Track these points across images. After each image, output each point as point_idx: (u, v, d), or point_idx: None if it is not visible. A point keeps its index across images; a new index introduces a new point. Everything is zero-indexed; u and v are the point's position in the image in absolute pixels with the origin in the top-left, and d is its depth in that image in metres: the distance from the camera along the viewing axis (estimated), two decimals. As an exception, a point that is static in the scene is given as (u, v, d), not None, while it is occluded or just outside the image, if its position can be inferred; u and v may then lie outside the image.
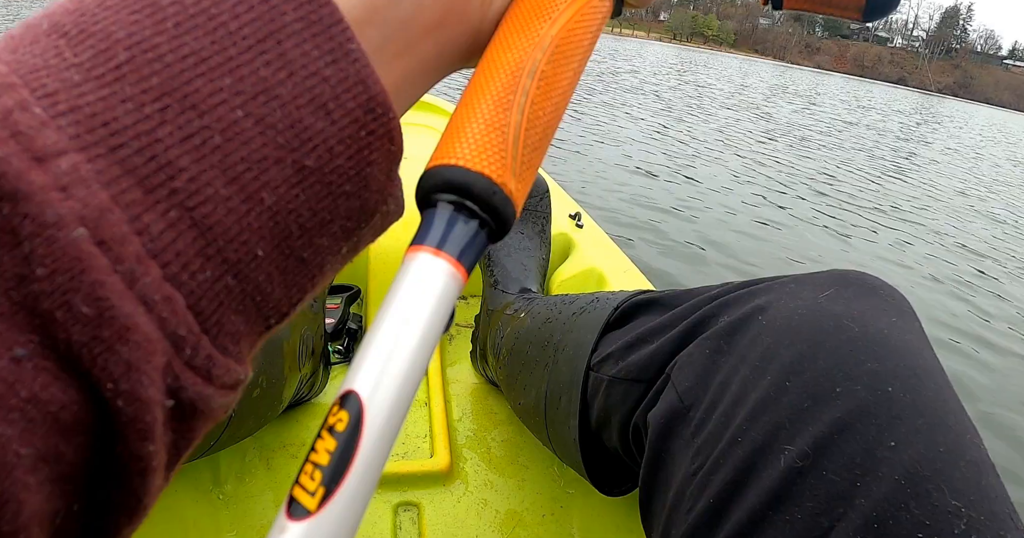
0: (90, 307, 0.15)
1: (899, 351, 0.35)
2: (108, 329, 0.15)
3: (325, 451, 0.16)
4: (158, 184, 0.16)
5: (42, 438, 0.15)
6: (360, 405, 0.17)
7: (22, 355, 0.14)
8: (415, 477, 0.72)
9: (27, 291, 0.14)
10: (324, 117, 0.18)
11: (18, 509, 0.14)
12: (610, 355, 0.51)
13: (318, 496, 0.16)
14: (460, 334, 1.01)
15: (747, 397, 0.37)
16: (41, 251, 0.14)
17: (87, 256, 0.14)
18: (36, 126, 0.15)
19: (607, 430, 0.51)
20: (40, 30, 0.16)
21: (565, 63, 0.22)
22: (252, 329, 0.19)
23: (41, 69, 0.16)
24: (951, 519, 0.29)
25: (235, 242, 0.17)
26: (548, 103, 0.22)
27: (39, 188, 0.14)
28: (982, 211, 5.10)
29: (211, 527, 0.65)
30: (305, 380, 0.73)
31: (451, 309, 0.19)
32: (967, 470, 0.31)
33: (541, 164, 0.22)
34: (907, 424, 0.32)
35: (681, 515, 0.37)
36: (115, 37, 0.16)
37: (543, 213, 0.89)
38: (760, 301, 0.42)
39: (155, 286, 0.15)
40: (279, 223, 0.18)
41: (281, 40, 0.17)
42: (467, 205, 0.19)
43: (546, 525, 0.71)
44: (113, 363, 0.15)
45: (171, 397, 0.16)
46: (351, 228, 0.20)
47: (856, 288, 0.40)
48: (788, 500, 0.32)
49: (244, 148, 0.17)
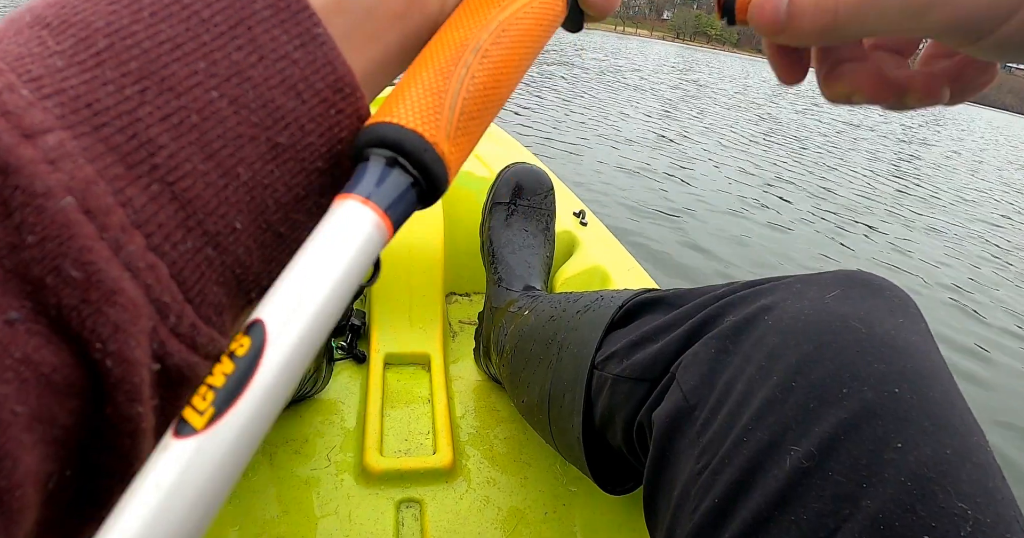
0: (78, 271, 0.15)
1: (906, 352, 0.35)
2: (96, 292, 0.16)
3: (222, 373, 0.16)
4: (140, 160, 0.17)
5: (36, 398, 0.15)
6: (264, 333, 0.17)
7: (15, 318, 0.15)
8: (418, 473, 0.72)
9: (18, 258, 0.15)
10: (295, 97, 0.19)
11: (14, 466, 0.15)
12: (614, 353, 0.51)
13: (207, 416, 0.16)
14: (463, 331, 1.01)
15: (753, 397, 0.36)
16: (31, 220, 0.15)
17: (75, 223, 0.15)
18: (24, 106, 0.16)
19: (611, 428, 0.51)
20: (23, 22, 0.17)
21: (510, 47, 0.23)
22: (233, 302, 0.20)
23: (26, 56, 0.16)
24: (957, 521, 0.29)
25: (214, 215, 0.18)
26: (490, 80, 0.22)
27: (28, 161, 0.15)
28: (983, 216, 5.09)
29: (213, 522, 0.65)
30: (308, 376, 0.73)
31: (373, 260, 0.19)
32: (973, 472, 0.31)
33: (479, 137, 0.22)
34: (914, 425, 0.32)
35: (686, 514, 0.37)
36: (95, 26, 0.17)
37: (547, 210, 0.89)
38: (766, 301, 0.41)
39: (139, 254, 0.16)
40: (255, 197, 0.19)
41: (251, 26, 0.19)
42: (399, 161, 0.19)
43: (548, 523, 0.71)
44: (101, 324, 0.16)
45: (157, 361, 0.17)
46: (326, 205, 0.21)
47: (862, 288, 0.39)
48: (794, 501, 0.32)
49: (220, 126, 0.18)
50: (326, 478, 0.72)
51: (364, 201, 0.19)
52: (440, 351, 0.91)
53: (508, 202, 0.87)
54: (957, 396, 0.34)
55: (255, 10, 0.19)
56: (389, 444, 0.77)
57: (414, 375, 0.88)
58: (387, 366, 0.88)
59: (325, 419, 0.79)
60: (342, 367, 0.88)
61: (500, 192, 0.88)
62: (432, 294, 0.95)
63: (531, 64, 0.25)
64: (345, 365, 0.88)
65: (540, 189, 0.88)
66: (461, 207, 1.05)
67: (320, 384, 0.80)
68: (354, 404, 0.82)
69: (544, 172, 0.91)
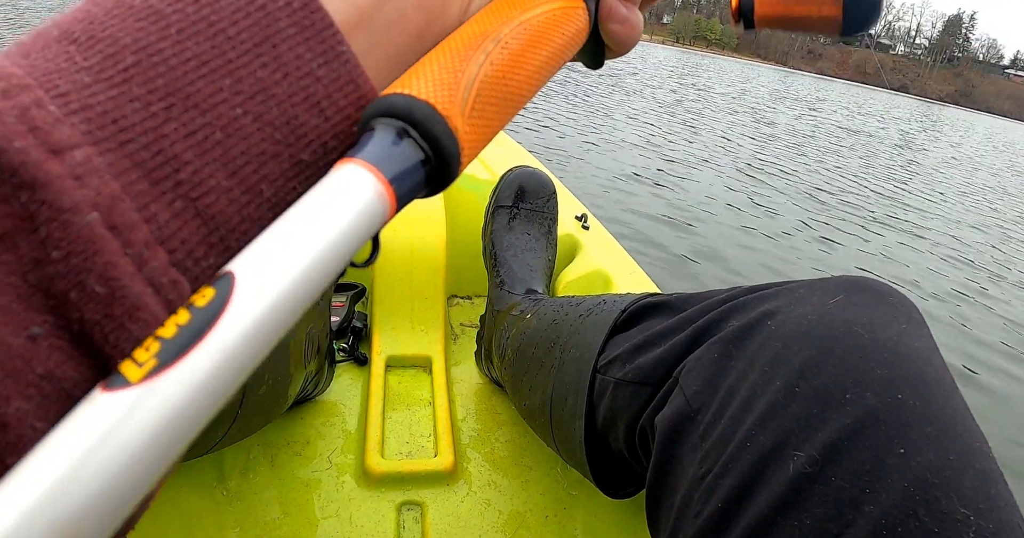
0: (103, 286, 0.16)
1: (909, 358, 0.35)
2: (119, 307, 0.16)
3: (174, 324, 0.15)
4: (164, 176, 0.17)
5: (56, 414, 0.15)
6: (231, 286, 0.15)
7: (38, 334, 0.15)
8: (419, 476, 0.73)
9: (42, 273, 0.15)
10: (318, 114, 0.19)
11: None
12: (617, 357, 0.51)
13: (146, 368, 0.14)
14: (465, 334, 1.01)
15: (756, 402, 0.37)
16: (57, 234, 0.15)
17: (100, 239, 0.16)
18: (51, 122, 0.16)
19: (613, 432, 0.51)
20: (51, 37, 0.18)
21: (530, 42, 0.22)
22: None
23: (54, 72, 0.17)
24: (960, 527, 0.29)
25: (236, 231, 0.18)
26: (508, 69, 0.21)
27: (55, 177, 0.15)
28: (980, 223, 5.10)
29: (214, 523, 0.65)
30: (310, 378, 0.74)
31: (372, 232, 0.17)
32: (976, 478, 0.31)
33: (496, 130, 0.21)
34: (917, 431, 0.32)
35: (688, 519, 0.37)
36: (122, 42, 0.17)
37: (549, 214, 0.89)
38: (769, 306, 0.42)
39: (162, 270, 0.17)
40: (278, 214, 0.19)
41: (276, 44, 0.19)
42: (409, 133, 0.18)
43: (549, 526, 0.71)
44: (124, 340, 0.16)
45: None
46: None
47: (865, 294, 0.40)
48: (797, 506, 0.32)
49: (244, 143, 0.18)
50: (327, 480, 0.72)
51: (368, 167, 0.17)
52: (441, 354, 0.91)
53: (511, 205, 0.88)
54: (960, 402, 0.35)
55: (280, 28, 0.19)
56: (390, 446, 0.77)
57: (415, 378, 0.88)
58: (388, 368, 0.88)
59: (326, 421, 0.79)
60: (343, 369, 0.88)
61: (503, 195, 0.88)
62: (434, 297, 0.95)
63: (551, 72, 0.24)
64: (346, 367, 0.89)
65: (543, 192, 0.88)
66: (463, 210, 1.06)
67: (322, 386, 0.81)
68: (355, 406, 0.83)
69: (547, 176, 0.91)
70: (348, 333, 0.91)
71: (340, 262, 0.17)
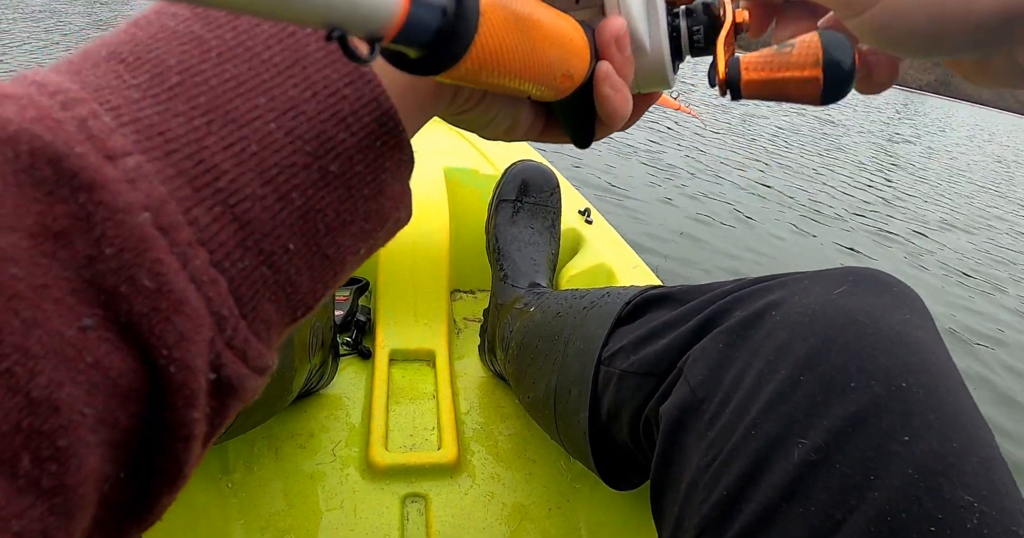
0: (151, 281, 0.17)
1: (913, 347, 0.35)
2: (165, 301, 0.17)
3: None
4: (205, 183, 0.18)
5: (103, 401, 0.17)
6: None
7: (89, 325, 0.16)
8: (423, 469, 0.73)
9: (95, 270, 0.17)
10: (344, 129, 0.21)
11: (79, 465, 0.16)
12: (621, 349, 0.51)
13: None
14: (468, 328, 1.01)
15: (761, 391, 0.37)
16: (111, 232, 0.17)
17: (150, 237, 0.17)
18: (107, 131, 0.17)
19: (617, 424, 0.51)
20: (100, 56, 0.19)
21: (542, 21, 0.22)
22: (281, 319, 0.21)
23: (105, 88, 0.18)
24: (963, 513, 0.30)
25: (270, 236, 0.20)
26: (523, 17, 0.21)
27: (111, 179, 0.17)
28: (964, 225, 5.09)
29: (220, 515, 0.65)
30: (314, 371, 0.74)
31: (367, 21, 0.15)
32: (979, 466, 0.31)
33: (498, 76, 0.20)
34: (920, 419, 0.32)
35: (694, 507, 0.38)
36: (167, 63, 0.19)
37: (553, 208, 0.89)
38: (773, 297, 0.42)
39: (203, 269, 0.18)
40: (308, 221, 0.20)
41: (306, 66, 0.21)
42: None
43: (553, 519, 0.71)
44: (168, 332, 0.17)
45: (213, 371, 0.19)
46: (369, 230, 0.23)
47: (869, 284, 0.40)
48: (801, 493, 0.33)
49: (277, 155, 0.20)
50: (331, 473, 0.72)
51: None
52: (445, 347, 0.91)
53: (514, 199, 0.88)
54: (963, 391, 0.35)
55: (308, 52, 0.21)
56: (394, 439, 0.77)
57: (419, 371, 0.89)
58: (392, 362, 0.88)
59: (330, 414, 0.80)
60: (347, 363, 0.88)
61: (506, 189, 0.88)
62: (437, 291, 0.95)
63: (551, 63, 0.23)
64: (350, 361, 0.89)
65: (546, 187, 0.89)
66: (467, 204, 1.06)
67: (326, 379, 0.81)
68: (359, 399, 0.83)
69: (550, 170, 0.91)
70: (352, 327, 0.92)
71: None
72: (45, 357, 0.15)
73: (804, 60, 0.27)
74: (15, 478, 0.15)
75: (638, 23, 0.29)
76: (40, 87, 0.18)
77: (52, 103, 0.17)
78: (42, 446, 0.15)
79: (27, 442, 0.15)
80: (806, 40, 0.27)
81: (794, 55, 0.27)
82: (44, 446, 0.15)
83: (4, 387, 0.15)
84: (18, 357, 0.15)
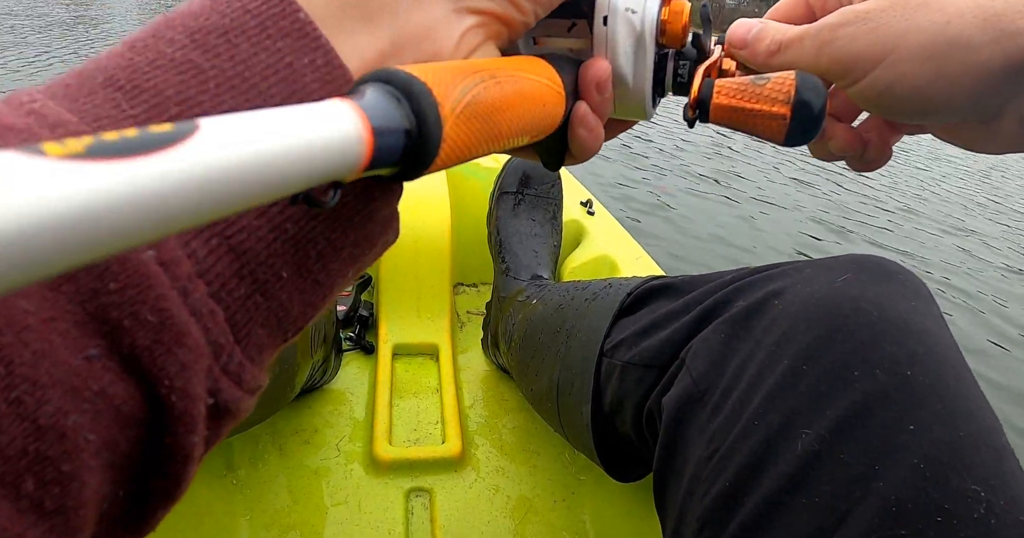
0: (155, 316, 0.17)
1: (918, 335, 0.35)
2: (168, 334, 0.18)
3: (119, 135, 0.12)
4: None
5: (106, 427, 0.17)
6: (195, 129, 0.13)
7: (94, 355, 0.17)
8: (427, 463, 0.73)
9: (99, 303, 0.17)
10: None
11: (81, 487, 0.17)
12: (623, 341, 0.50)
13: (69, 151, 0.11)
14: (471, 321, 1.01)
15: (764, 381, 0.36)
16: (116, 269, 0.17)
17: (153, 274, 0.17)
18: None
19: (620, 415, 0.51)
20: (96, 82, 0.19)
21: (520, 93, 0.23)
22: (273, 341, 0.22)
23: (104, 118, 0.18)
24: (970, 503, 0.29)
25: (264, 265, 0.20)
26: (497, 98, 0.22)
27: None
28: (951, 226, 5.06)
29: (225, 511, 0.65)
30: (317, 367, 0.74)
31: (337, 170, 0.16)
32: (987, 455, 0.31)
33: (476, 148, 0.21)
34: (926, 408, 0.32)
35: (697, 499, 0.37)
36: (166, 94, 0.19)
37: (554, 200, 0.89)
38: (776, 286, 0.41)
39: (202, 301, 0.18)
40: (300, 250, 0.21)
41: (303, 97, 0.20)
42: (400, 101, 0.18)
43: (557, 511, 0.71)
44: (170, 363, 0.18)
45: (211, 396, 0.19)
46: (358, 255, 0.23)
47: (873, 272, 0.39)
48: (805, 484, 0.32)
49: None
50: (336, 468, 0.72)
51: (356, 108, 0.17)
52: (448, 341, 0.91)
53: (515, 191, 0.87)
54: (970, 380, 0.34)
55: (305, 82, 0.21)
56: (398, 434, 0.77)
57: (422, 365, 0.88)
58: (395, 356, 0.88)
59: (334, 410, 0.80)
60: (351, 358, 0.88)
61: (507, 181, 0.88)
62: (440, 285, 0.95)
63: (525, 131, 0.24)
64: (354, 356, 0.89)
65: (547, 178, 0.88)
66: (468, 197, 1.05)
67: (329, 375, 0.81)
68: (363, 394, 0.83)
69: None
70: (354, 322, 0.91)
71: (300, 171, 0.15)
72: (52, 386, 0.16)
73: (775, 95, 0.27)
74: (18, 499, 0.16)
75: (623, 62, 0.29)
76: (40, 119, 0.17)
77: (53, 137, 0.17)
78: (47, 470, 0.16)
79: (32, 466, 0.16)
80: (782, 76, 0.27)
81: (767, 88, 0.27)
82: (49, 470, 0.16)
83: (13, 414, 0.15)
84: (27, 387, 0.16)
